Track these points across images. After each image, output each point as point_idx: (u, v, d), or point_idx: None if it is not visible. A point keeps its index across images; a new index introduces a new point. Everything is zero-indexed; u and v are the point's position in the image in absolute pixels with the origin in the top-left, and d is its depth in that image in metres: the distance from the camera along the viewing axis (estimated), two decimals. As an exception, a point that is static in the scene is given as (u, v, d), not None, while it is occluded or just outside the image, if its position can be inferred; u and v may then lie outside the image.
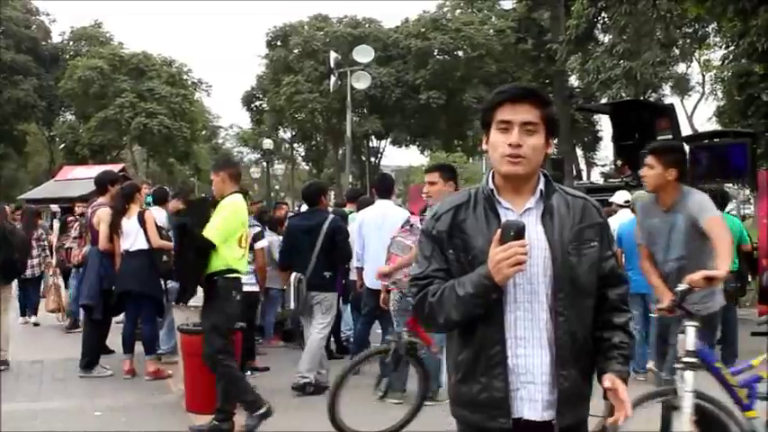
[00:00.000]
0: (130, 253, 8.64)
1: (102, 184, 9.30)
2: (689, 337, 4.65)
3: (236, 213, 6.50)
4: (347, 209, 11.08)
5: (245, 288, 8.67)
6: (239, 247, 6.51)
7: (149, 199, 10.59)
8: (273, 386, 8.02)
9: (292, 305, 7.99)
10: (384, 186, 9.75)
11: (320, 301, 8.10)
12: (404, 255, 7.49)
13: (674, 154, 5.29)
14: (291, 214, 11.36)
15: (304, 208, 9.70)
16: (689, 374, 4.55)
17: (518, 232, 2.53)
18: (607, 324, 2.79)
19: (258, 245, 8.93)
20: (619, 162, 15.73)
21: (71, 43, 52.12)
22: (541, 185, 2.75)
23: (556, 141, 2.88)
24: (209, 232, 6.31)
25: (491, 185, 2.76)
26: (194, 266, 6.44)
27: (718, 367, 4.88)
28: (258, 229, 9.16)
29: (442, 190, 6.89)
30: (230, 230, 6.41)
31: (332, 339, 9.94)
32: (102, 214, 8.85)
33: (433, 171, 7.37)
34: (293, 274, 7.98)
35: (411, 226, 7.67)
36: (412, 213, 8.76)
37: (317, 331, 8.17)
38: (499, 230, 2.57)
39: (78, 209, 11.92)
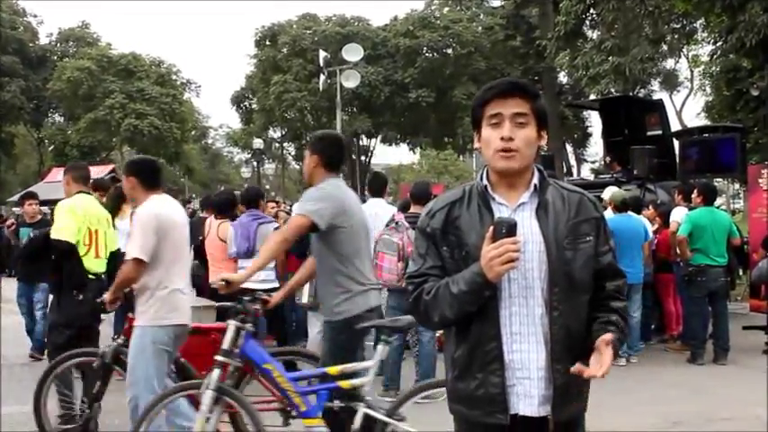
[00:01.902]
0: (122, 253, 8.60)
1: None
2: (227, 336, 4.73)
3: (72, 213, 6.41)
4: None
5: (253, 285, 8.84)
6: (83, 244, 6.43)
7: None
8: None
9: (305, 299, 8.03)
10: (377, 185, 9.78)
11: None
12: (390, 252, 7.56)
13: (320, 142, 5.12)
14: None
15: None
16: (215, 372, 4.64)
17: (510, 229, 2.53)
18: (604, 307, 2.77)
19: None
20: (608, 158, 15.75)
21: (59, 44, 51.95)
22: (536, 180, 2.74)
23: (547, 135, 2.85)
24: (56, 233, 6.29)
25: (485, 181, 2.75)
26: (69, 269, 6.36)
27: (268, 369, 4.78)
28: (276, 225, 9.18)
29: None
30: (72, 226, 6.34)
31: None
32: None
33: None
34: None
35: (396, 224, 7.74)
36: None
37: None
38: (491, 228, 2.57)
39: None
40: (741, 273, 13.40)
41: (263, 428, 4.66)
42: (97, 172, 19.85)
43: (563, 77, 36.76)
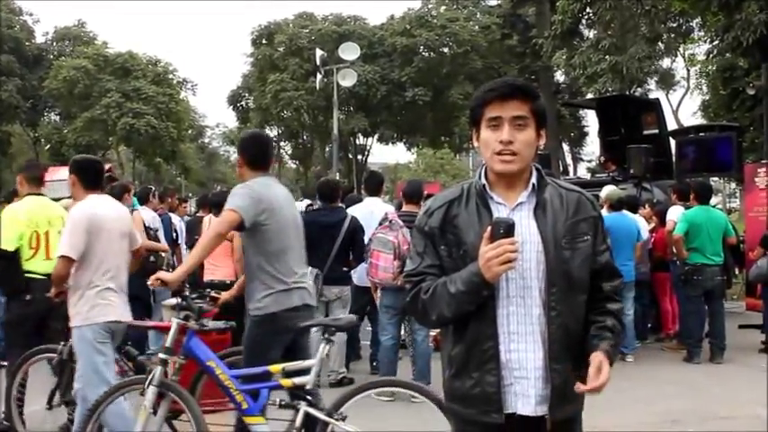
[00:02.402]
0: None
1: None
2: (170, 334, 4.89)
3: (12, 221, 6.40)
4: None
5: None
6: (29, 248, 6.40)
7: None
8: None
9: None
10: (374, 184, 9.79)
11: (340, 296, 8.29)
12: (386, 250, 7.58)
13: (242, 143, 5.28)
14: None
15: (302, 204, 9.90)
16: (158, 369, 4.77)
17: (507, 230, 2.54)
18: (600, 309, 2.79)
19: None
20: (602, 158, 15.77)
21: (55, 43, 51.84)
22: (534, 179, 2.75)
23: (545, 134, 2.87)
24: None
25: (483, 180, 2.76)
26: (10, 275, 6.39)
27: (211, 366, 4.85)
28: None
29: None
30: (11, 233, 6.32)
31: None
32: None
33: None
34: (310, 270, 8.08)
35: (390, 222, 7.75)
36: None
37: None
38: (489, 228, 2.57)
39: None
40: (737, 272, 13.42)
41: (206, 427, 4.71)
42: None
43: (560, 76, 36.80)
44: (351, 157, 49.32)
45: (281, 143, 54.51)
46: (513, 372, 2.67)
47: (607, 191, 10.52)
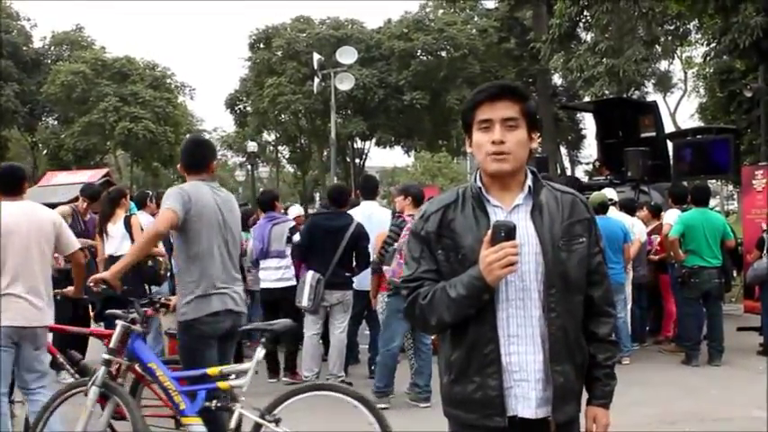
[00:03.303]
0: (115, 258, 8.58)
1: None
2: (114, 336, 5.06)
3: None
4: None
5: (267, 285, 8.87)
6: None
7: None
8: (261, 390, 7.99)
9: (304, 302, 8.08)
10: (369, 187, 9.81)
11: (341, 301, 8.33)
12: None
13: (181, 149, 5.38)
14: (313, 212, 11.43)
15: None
16: (101, 371, 4.90)
17: (508, 233, 2.54)
18: (592, 337, 2.83)
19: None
20: (597, 162, 15.81)
21: (52, 48, 51.79)
22: (529, 182, 2.75)
23: (539, 137, 2.87)
24: None
25: (479, 183, 2.76)
26: None
27: (152, 368, 4.97)
28: (292, 223, 9.29)
29: None
30: None
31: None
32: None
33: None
34: (310, 273, 8.10)
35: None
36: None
37: (339, 331, 8.49)
38: (489, 231, 2.57)
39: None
40: (735, 274, 13.42)
41: (145, 429, 4.83)
42: (91, 176, 19.84)
43: (557, 79, 36.85)
44: (348, 160, 49.32)
45: (279, 147, 54.48)
46: (514, 374, 2.67)
47: (607, 193, 10.56)
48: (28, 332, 5.42)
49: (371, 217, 9.03)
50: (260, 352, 4.74)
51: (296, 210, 11.39)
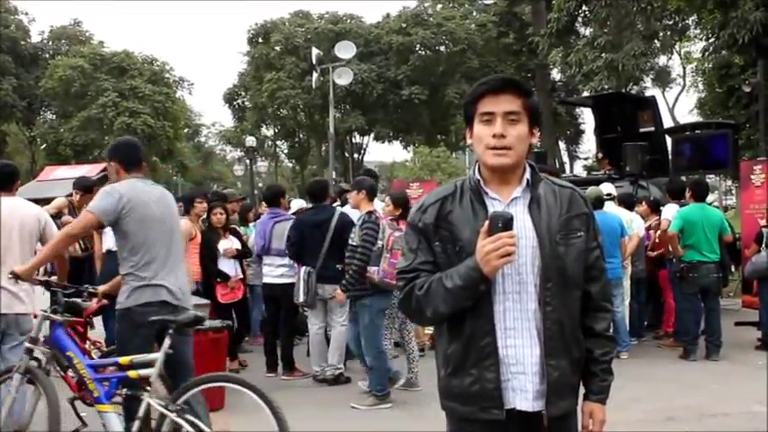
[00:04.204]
0: (113, 252, 8.56)
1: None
2: (35, 325, 5.38)
3: None
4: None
5: (269, 281, 8.88)
6: None
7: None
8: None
9: (300, 298, 8.08)
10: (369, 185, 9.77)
11: (335, 295, 8.19)
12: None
13: (113, 150, 5.49)
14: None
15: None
16: (24, 359, 5.20)
17: (506, 223, 2.53)
18: (589, 332, 2.83)
19: None
20: (600, 155, 15.79)
21: (51, 42, 51.77)
22: (528, 175, 2.75)
23: (539, 132, 2.88)
24: None
25: (477, 176, 2.75)
26: None
27: (69, 356, 5.17)
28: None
29: None
30: None
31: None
32: (65, 219, 8.82)
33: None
34: (303, 268, 8.09)
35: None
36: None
37: (339, 325, 8.42)
38: (487, 222, 2.57)
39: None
40: (733, 269, 13.43)
41: (58, 416, 4.99)
42: (90, 171, 19.80)
43: (556, 74, 36.81)
44: (347, 155, 49.32)
45: (278, 142, 54.47)
46: (511, 367, 2.67)
47: (605, 188, 10.54)
48: (10, 319, 5.73)
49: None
50: (167, 343, 4.82)
51: (298, 204, 11.34)
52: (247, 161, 44.77)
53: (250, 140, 42.93)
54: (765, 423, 6.48)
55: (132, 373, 4.88)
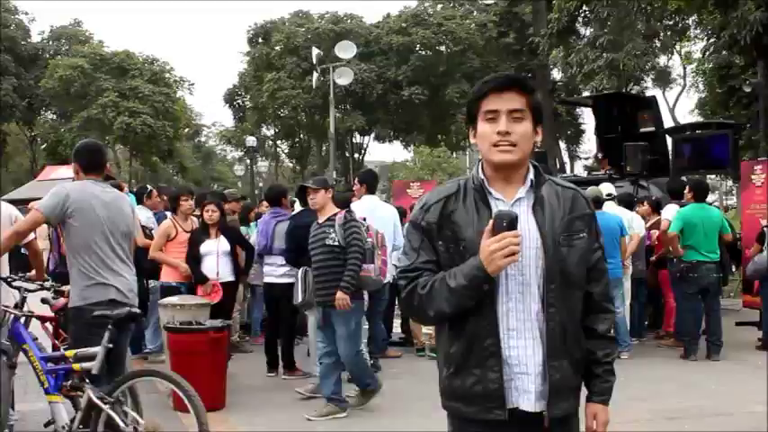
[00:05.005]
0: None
1: None
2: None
3: None
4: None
5: (270, 280, 8.88)
6: None
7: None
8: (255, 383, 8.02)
9: (299, 298, 8.04)
10: (371, 182, 9.77)
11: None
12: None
13: (75, 154, 5.60)
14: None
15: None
16: None
17: (511, 222, 2.52)
18: (591, 333, 2.83)
19: None
20: (600, 155, 15.80)
21: (51, 42, 51.75)
22: (531, 175, 2.74)
23: (542, 131, 2.88)
24: None
25: (481, 175, 2.75)
26: None
27: (25, 349, 5.44)
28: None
29: None
30: None
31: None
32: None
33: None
34: (300, 269, 8.05)
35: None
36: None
37: None
38: (491, 221, 2.56)
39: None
40: (734, 269, 13.44)
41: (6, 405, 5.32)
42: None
43: (556, 74, 36.82)
44: (348, 155, 49.30)
45: (278, 142, 54.46)
46: (513, 368, 2.66)
47: (606, 188, 10.55)
48: None
49: (375, 211, 9.02)
50: (106, 337, 4.97)
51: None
52: (248, 161, 44.82)
53: (250, 140, 42.97)
54: (765, 423, 6.49)
55: (76, 366, 5.08)
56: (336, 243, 7.20)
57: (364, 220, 7.87)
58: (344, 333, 7.16)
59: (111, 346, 4.97)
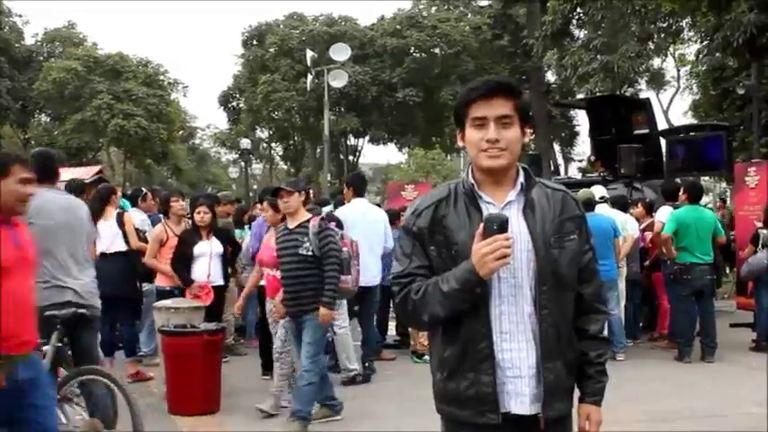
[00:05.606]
0: (107, 255, 8.56)
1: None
2: None
3: None
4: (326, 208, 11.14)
5: (264, 282, 8.88)
6: None
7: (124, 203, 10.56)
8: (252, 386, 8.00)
9: None
10: (360, 184, 9.78)
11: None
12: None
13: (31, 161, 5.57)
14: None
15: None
16: None
17: (501, 225, 2.53)
18: (583, 334, 2.84)
19: None
20: (592, 157, 15.83)
21: (45, 45, 51.63)
22: (521, 178, 2.75)
23: (533, 133, 2.92)
24: None
25: (471, 179, 2.75)
26: None
27: None
28: None
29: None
30: None
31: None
32: None
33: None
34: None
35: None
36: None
37: (339, 327, 8.38)
38: (482, 224, 2.56)
39: None
40: (728, 270, 13.46)
41: None
42: (84, 173, 19.75)
43: (551, 76, 36.84)
44: (342, 157, 49.27)
45: (273, 144, 54.42)
46: (507, 371, 2.67)
47: (599, 191, 10.57)
48: None
49: (366, 214, 9.02)
50: (54, 338, 5.11)
51: None
52: (242, 163, 44.68)
53: (245, 143, 42.85)
54: (760, 424, 6.50)
55: None
56: (310, 253, 6.65)
57: (338, 226, 7.60)
58: (311, 338, 6.76)
59: (60, 345, 5.12)
